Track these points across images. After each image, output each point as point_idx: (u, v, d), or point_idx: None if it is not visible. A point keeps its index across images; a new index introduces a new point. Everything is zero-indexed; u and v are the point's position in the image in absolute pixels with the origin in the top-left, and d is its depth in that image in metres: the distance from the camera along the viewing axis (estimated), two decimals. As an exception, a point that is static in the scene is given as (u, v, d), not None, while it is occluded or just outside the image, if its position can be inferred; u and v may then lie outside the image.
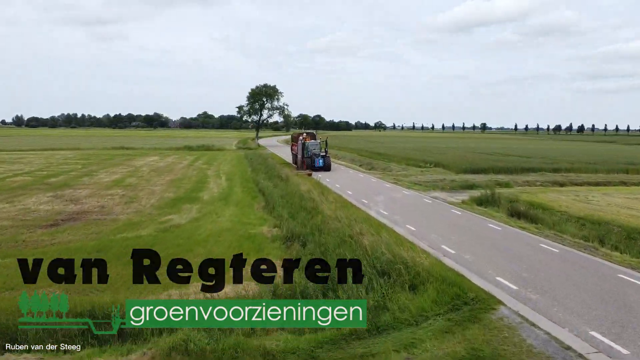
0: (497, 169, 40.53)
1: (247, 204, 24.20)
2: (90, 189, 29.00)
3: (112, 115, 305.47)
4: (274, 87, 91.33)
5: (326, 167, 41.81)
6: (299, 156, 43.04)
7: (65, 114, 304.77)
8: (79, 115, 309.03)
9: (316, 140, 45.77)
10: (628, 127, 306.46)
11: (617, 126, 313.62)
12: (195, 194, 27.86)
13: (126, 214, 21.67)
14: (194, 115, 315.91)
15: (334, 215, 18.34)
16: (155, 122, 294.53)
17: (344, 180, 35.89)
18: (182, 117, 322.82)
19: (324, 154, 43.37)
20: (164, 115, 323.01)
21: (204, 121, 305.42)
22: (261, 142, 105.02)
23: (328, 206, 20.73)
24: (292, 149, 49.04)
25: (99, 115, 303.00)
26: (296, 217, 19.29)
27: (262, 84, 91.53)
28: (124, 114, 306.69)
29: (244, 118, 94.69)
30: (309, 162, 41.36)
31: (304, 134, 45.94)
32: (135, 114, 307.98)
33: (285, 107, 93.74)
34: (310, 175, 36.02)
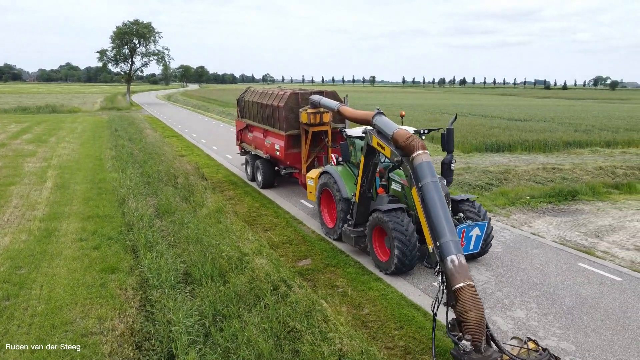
0: (523, 144, 25.91)
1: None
2: None
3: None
4: (149, 24, 66.42)
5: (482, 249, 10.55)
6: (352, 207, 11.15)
7: None
8: None
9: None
10: (504, 79, 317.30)
11: (494, 79, 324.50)
12: None
13: None
14: (56, 67, 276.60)
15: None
16: (5, 74, 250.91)
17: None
18: (40, 69, 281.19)
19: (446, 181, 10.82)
20: (17, 66, 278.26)
21: (67, 73, 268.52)
22: (136, 99, 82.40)
23: None
24: (240, 137, 19.90)
25: None
26: None
27: (131, 20, 66.80)
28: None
29: (109, 67, 68.82)
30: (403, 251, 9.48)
31: (313, 96, 14.42)
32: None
33: (165, 52, 69.39)
34: None
